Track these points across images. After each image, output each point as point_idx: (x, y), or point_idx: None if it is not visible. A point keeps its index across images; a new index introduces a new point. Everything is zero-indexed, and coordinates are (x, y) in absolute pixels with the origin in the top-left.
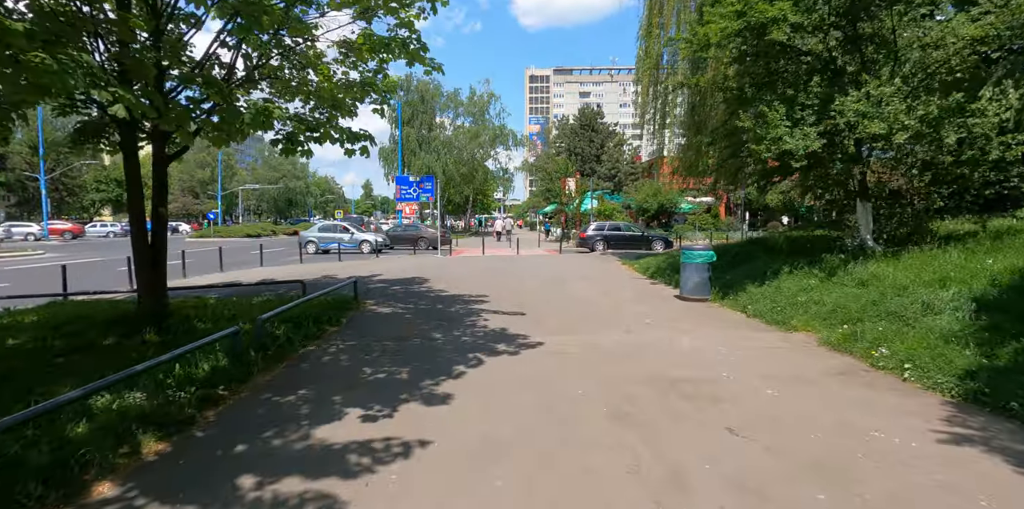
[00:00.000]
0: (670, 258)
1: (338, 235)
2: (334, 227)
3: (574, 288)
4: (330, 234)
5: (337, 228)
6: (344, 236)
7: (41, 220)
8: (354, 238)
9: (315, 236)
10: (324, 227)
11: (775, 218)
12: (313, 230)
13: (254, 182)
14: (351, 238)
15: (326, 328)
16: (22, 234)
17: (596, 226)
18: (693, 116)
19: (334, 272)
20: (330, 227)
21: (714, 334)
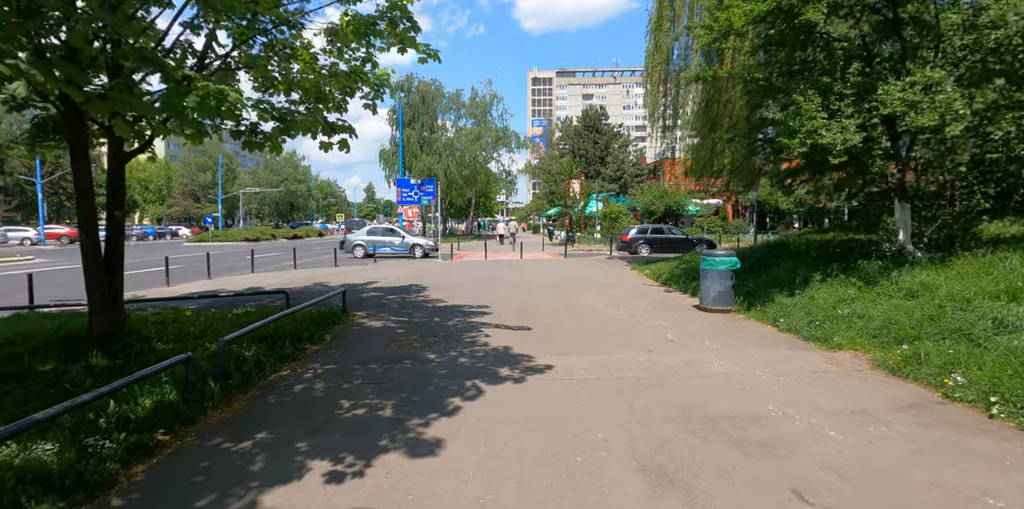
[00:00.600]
0: (683, 263)
1: (387, 238)
2: (383, 230)
3: (583, 297)
4: (379, 237)
5: (386, 231)
6: (394, 239)
7: (38, 224)
8: (405, 242)
9: (362, 239)
10: (372, 230)
11: (785, 220)
12: (360, 233)
13: (255, 185)
14: (402, 242)
15: (306, 347)
16: (18, 239)
17: (639, 229)
18: (707, 113)
19: (327, 279)
20: (379, 230)
21: (748, 353)
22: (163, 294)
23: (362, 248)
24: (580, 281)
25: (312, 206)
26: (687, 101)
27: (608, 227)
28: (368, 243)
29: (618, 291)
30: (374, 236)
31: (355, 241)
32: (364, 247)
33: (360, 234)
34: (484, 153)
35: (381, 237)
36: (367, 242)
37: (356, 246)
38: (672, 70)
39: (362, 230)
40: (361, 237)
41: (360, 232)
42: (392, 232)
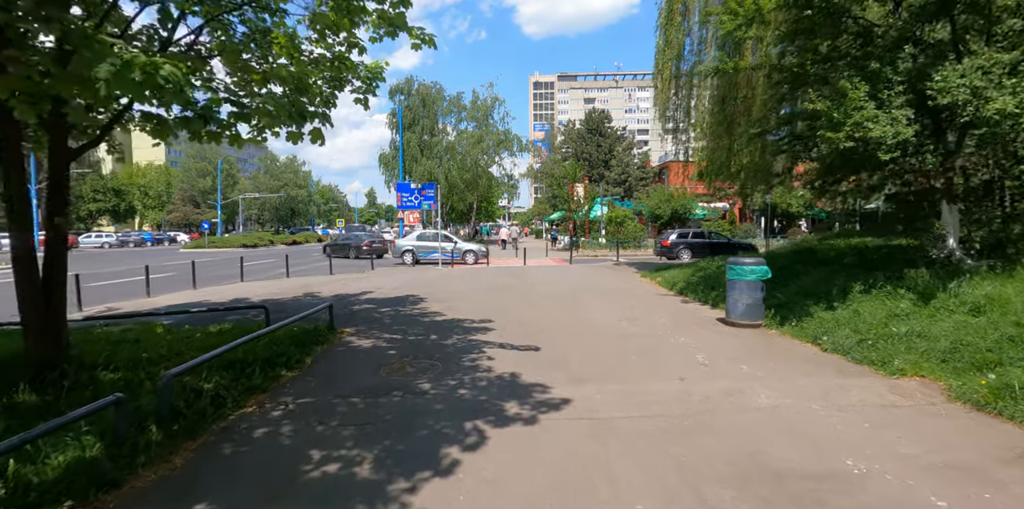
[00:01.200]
0: (699, 271)
1: (439, 244)
2: (434, 235)
3: (595, 309)
4: (430, 243)
5: (437, 236)
6: (446, 245)
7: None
8: (458, 248)
9: (412, 245)
10: (423, 236)
11: (795, 223)
12: (410, 238)
13: (256, 191)
14: (454, 248)
15: (280, 374)
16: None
17: (679, 233)
18: (723, 111)
19: (320, 289)
20: (429, 235)
21: (795, 380)
22: (141, 307)
23: (411, 254)
24: (589, 290)
25: (313, 211)
26: (700, 100)
27: (613, 232)
28: (418, 248)
29: (632, 302)
30: (424, 241)
31: (404, 246)
32: (414, 253)
33: (409, 239)
34: (486, 157)
35: (432, 243)
36: (417, 247)
37: (405, 252)
38: (683, 68)
39: (411, 235)
40: (410, 242)
41: (410, 237)
42: (444, 237)
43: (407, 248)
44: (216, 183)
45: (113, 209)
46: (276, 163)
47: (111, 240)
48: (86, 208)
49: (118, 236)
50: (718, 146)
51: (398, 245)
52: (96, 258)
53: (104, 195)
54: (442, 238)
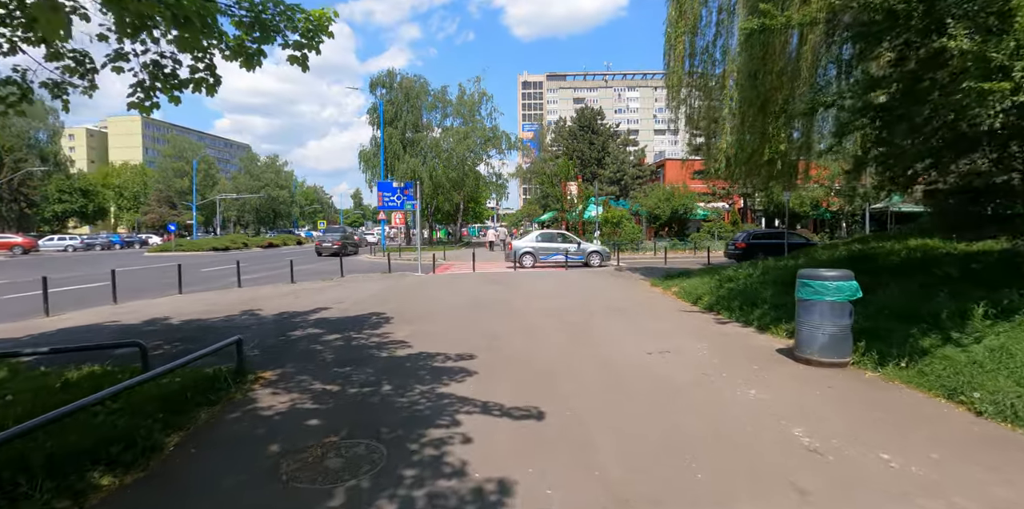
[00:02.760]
0: (725, 280)
1: (561, 245)
2: (555, 236)
3: (612, 336)
4: (551, 244)
5: (559, 237)
6: (569, 246)
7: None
8: (581, 249)
9: (532, 246)
10: (544, 236)
11: (803, 223)
12: (529, 239)
13: (233, 191)
14: (578, 249)
15: (91, 484)
16: None
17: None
18: (755, 88)
19: (266, 304)
20: (550, 236)
21: (995, 493)
22: (21, 331)
23: (531, 257)
24: (597, 305)
25: (296, 213)
26: (724, 78)
27: (609, 233)
28: (539, 250)
29: (655, 324)
30: (545, 243)
31: (523, 248)
32: (534, 255)
33: (528, 240)
34: (472, 154)
35: (553, 244)
36: (537, 249)
37: (525, 254)
38: (699, 44)
39: (530, 236)
40: (530, 243)
41: (528, 238)
42: (566, 238)
43: (527, 250)
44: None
45: (80, 210)
46: (257, 163)
47: (75, 243)
48: (51, 209)
49: (83, 239)
50: (749, 130)
51: (516, 247)
52: (47, 263)
53: (71, 195)
54: (564, 239)
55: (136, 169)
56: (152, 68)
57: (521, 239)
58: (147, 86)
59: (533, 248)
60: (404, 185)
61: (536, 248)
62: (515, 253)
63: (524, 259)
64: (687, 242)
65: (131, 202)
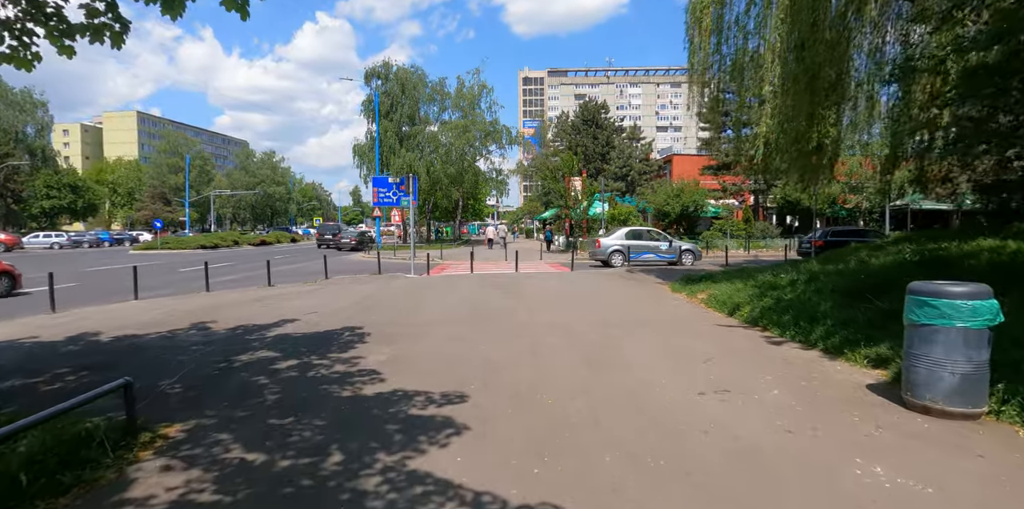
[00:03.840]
0: (765, 287)
1: (652, 243)
2: (645, 233)
3: (645, 363)
4: (641, 242)
5: (650, 234)
6: (660, 244)
7: None
8: (673, 247)
9: (621, 244)
10: (633, 233)
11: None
12: (617, 236)
13: (229, 188)
14: (669, 247)
15: None
16: None
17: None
18: (801, 61)
19: (224, 314)
20: (640, 233)
21: None
22: None
23: (621, 255)
24: (615, 316)
25: (293, 210)
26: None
27: None
28: (628, 249)
29: (695, 345)
30: (635, 240)
31: (612, 246)
32: (624, 253)
33: (616, 238)
34: (472, 149)
35: (642, 241)
36: (626, 247)
37: (614, 252)
38: (728, 17)
39: (618, 233)
40: (618, 241)
41: (616, 235)
42: (657, 235)
43: (616, 248)
44: (191, 179)
45: (70, 207)
46: (253, 159)
47: (62, 240)
48: (39, 205)
49: (70, 236)
50: (793, 111)
51: (604, 245)
52: (22, 262)
53: (59, 191)
54: (654, 236)
55: (131, 165)
56: (26, 4)
57: (608, 236)
58: (20, 29)
59: (623, 246)
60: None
61: (625, 246)
62: (603, 251)
63: (613, 258)
64: (698, 241)
65: (125, 198)
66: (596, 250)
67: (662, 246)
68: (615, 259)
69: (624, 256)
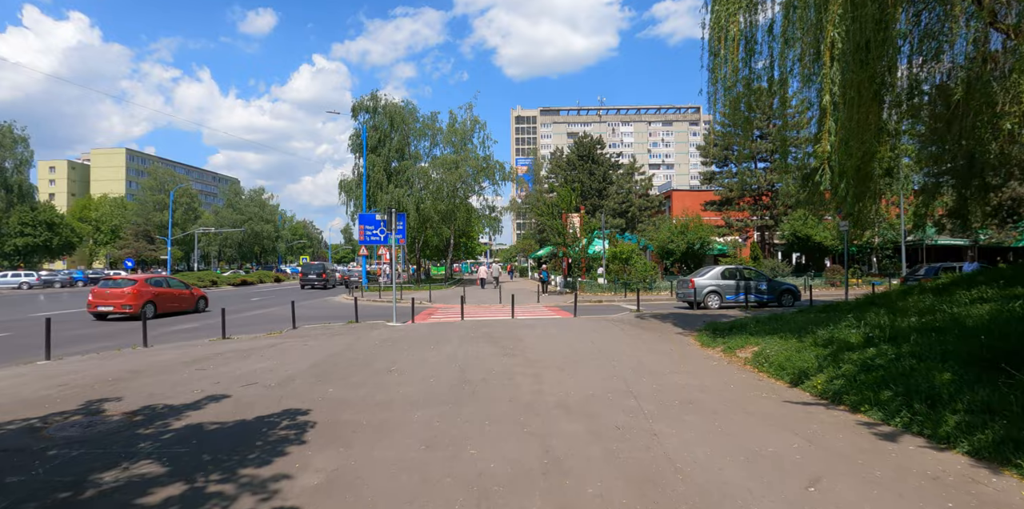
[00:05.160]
0: (818, 339)
1: (750, 282)
2: (739, 271)
3: (719, 483)
4: (738, 282)
5: (745, 272)
6: (758, 284)
7: None
8: (772, 287)
9: (716, 284)
10: (729, 271)
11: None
12: (711, 276)
13: (215, 225)
14: (768, 286)
15: None
16: None
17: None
18: (865, 64)
19: (133, 386)
20: (735, 271)
21: None
22: None
23: (717, 296)
24: (646, 389)
25: (282, 248)
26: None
27: (618, 271)
28: (724, 289)
29: (780, 444)
30: (731, 279)
31: (707, 286)
32: (720, 294)
33: (710, 277)
34: (464, 185)
35: (740, 280)
36: (722, 287)
37: (710, 293)
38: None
39: (711, 272)
40: (713, 281)
41: (710, 275)
42: (753, 274)
43: (711, 288)
44: (175, 216)
45: (45, 244)
46: (241, 196)
47: (31, 280)
48: (11, 243)
49: (39, 275)
50: (857, 125)
51: (698, 285)
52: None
53: (34, 229)
54: (750, 275)
55: (115, 202)
56: None
57: (701, 275)
58: None
59: (718, 286)
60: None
61: (721, 286)
62: (696, 292)
63: (709, 299)
64: None
65: (108, 236)
66: (688, 290)
67: (760, 285)
68: (711, 301)
69: (720, 297)
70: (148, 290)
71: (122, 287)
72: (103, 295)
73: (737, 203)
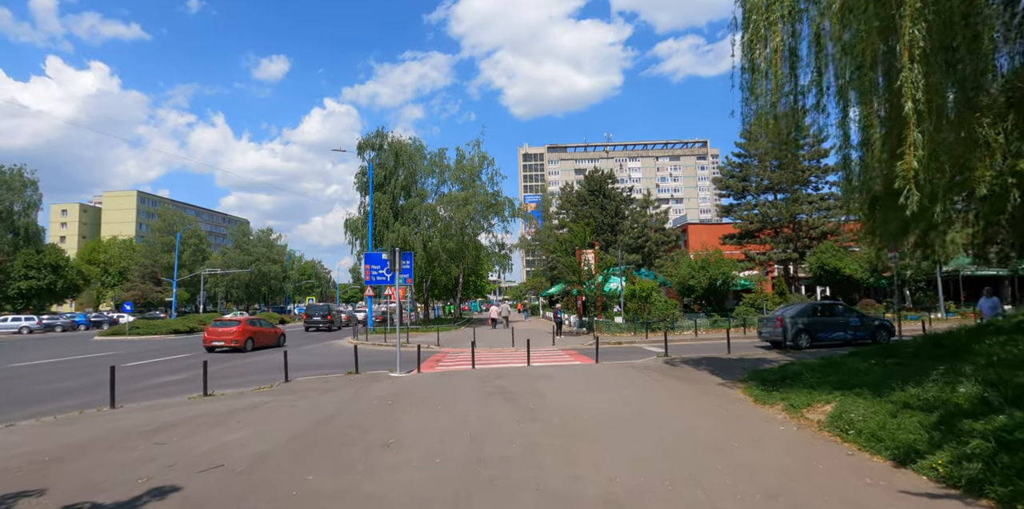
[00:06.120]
0: (901, 391)
1: (841, 319)
2: (829, 307)
3: None
4: (828, 318)
5: (835, 309)
6: (848, 319)
7: None
8: (866, 324)
9: (805, 321)
10: (818, 308)
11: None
12: (799, 312)
13: (222, 266)
14: (860, 323)
15: None
16: None
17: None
18: (953, 64)
19: (70, 477)
20: (826, 307)
21: None
22: None
23: (808, 335)
24: (717, 477)
25: (290, 289)
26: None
27: (636, 309)
28: (814, 326)
29: None
30: (822, 316)
31: (797, 324)
32: (811, 333)
33: (799, 314)
34: (473, 222)
35: (832, 318)
36: (813, 325)
37: (800, 332)
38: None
39: (797, 308)
40: (803, 318)
41: (796, 311)
42: (843, 310)
43: (801, 327)
44: (182, 258)
45: (49, 287)
46: (248, 237)
47: (31, 324)
48: (15, 287)
49: (40, 319)
50: (953, 137)
51: (785, 323)
52: None
53: (39, 272)
54: (839, 311)
55: (124, 244)
56: None
57: (786, 311)
58: None
59: (808, 323)
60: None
61: (812, 323)
62: (785, 331)
63: (799, 339)
64: (731, 317)
65: (116, 278)
66: (774, 330)
67: (853, 321)
68: (801, 340)
69: (811, 336)
70: (249, 329)
71: (230, 326)
72: (216, 333)
73: (757, 235)
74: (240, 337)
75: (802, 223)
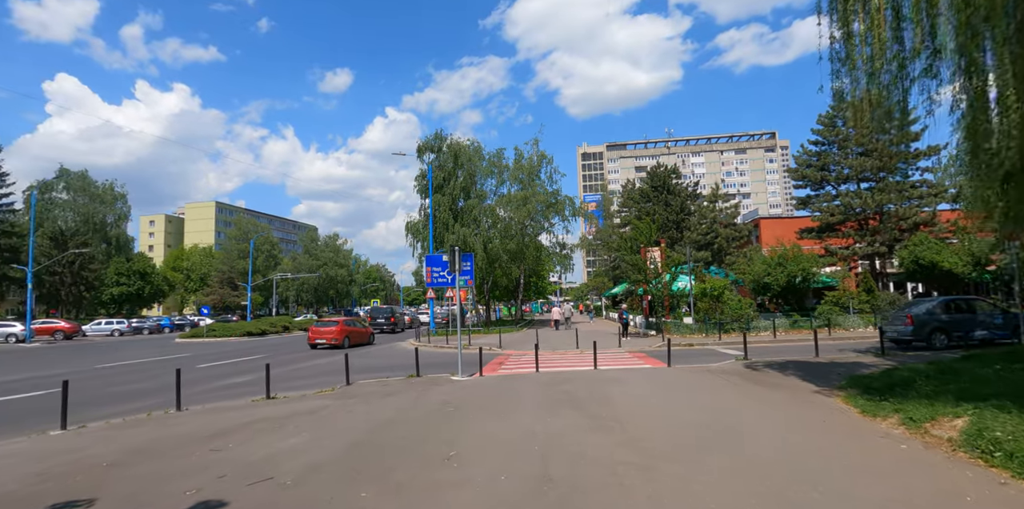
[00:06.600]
0: None
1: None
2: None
3: None
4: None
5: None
6: (992, 317)
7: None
8: (1008, 321)
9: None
10: (955, 304)
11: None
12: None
13: (293, 271)
14: (1004, 321)
15: None
16: (2, 336)
17: None
18: None
19: (125, 482)
20: (963, 304)
21: None
22: None
23: (944, 334)
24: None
25: (356, 292)
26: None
27: (707, 308)
28: (952, 324)
29: None
30: (957, 313)
31: (931, 322)
32: (947, 331)
33: (932, 310)
34: (533, 222)
35: (969, 314)
36: (950, 322)
37: (935, 331)
38: None
39: (929, 304)
40: (936, 314)
41: (928, 307)
42: (984, 305)
43: (937, 325)
44: (256, 264)
45: (138, 293)
46: (316, 243)
47: (122, 327)
48: (108, 293)
49: (130, 323)
50: None
51: (918, 321)
52: (85, 351)
53: (128, 278)
54: (979, 309)
55: (204, 251)
56: None
57: (917, 308)
58: None
59: (944, 321)
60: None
61: (948, 321)
62: (917, 330)
63: (934, 338)
64: (813, 317)
65: (198, 284)
66: (903, 328)
67: (996, 319)
68: (936, 339)
69: (948, 335)
70: (346, 329)
71: (330, 326)
72: (319, 332)
73: (839, 229)
74: (339, 336)
75: (890, 214)
